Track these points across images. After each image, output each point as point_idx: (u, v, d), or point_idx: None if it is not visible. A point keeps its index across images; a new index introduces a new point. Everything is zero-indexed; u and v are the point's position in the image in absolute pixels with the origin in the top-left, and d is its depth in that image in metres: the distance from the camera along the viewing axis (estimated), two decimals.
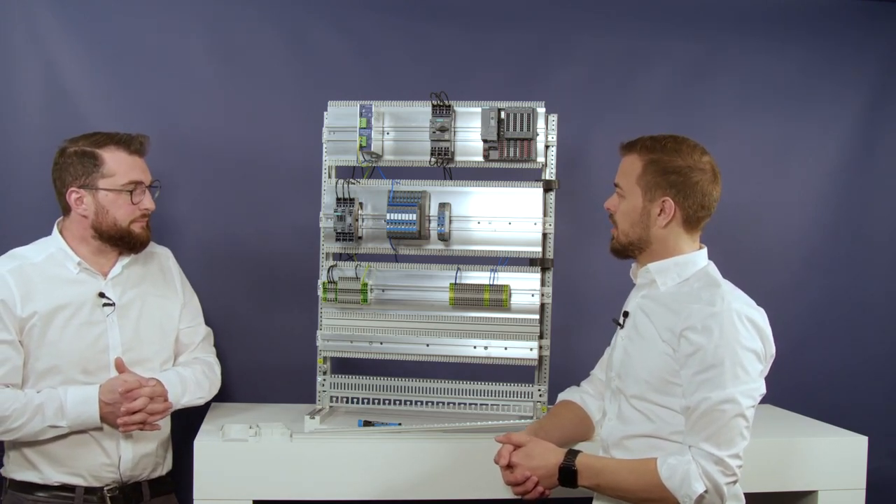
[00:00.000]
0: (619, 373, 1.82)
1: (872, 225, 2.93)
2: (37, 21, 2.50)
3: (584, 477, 1.72)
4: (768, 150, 2.86)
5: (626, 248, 1.82)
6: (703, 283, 1.75)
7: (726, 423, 1.61)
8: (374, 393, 2.35)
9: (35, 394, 1.92)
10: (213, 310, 2.61)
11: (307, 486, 2.03)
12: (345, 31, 2.68)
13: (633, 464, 1.71)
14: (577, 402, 2.02)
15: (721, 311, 1.64)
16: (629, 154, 1.82)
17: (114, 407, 1.91)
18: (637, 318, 1.82)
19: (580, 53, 2.77)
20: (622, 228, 1.81)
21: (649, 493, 1.66)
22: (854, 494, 2.18)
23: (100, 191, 1.99)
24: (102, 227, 2.00)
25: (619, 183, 1.82)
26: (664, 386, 1.71)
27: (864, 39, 2.87)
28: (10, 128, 2.49)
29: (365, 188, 2.30)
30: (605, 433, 1.85)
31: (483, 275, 2.27)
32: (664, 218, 1.76)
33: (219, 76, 2.62)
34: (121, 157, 2.01)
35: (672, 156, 1.76)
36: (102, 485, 2.00)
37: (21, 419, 1.89)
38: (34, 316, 1.93)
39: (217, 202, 2.62)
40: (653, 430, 1.73)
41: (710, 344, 1.62)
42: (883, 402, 2.90)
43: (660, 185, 1.75)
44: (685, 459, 1.62)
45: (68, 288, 1.99)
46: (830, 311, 2.90)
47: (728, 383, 1.61)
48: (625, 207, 1.80)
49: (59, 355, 1.95)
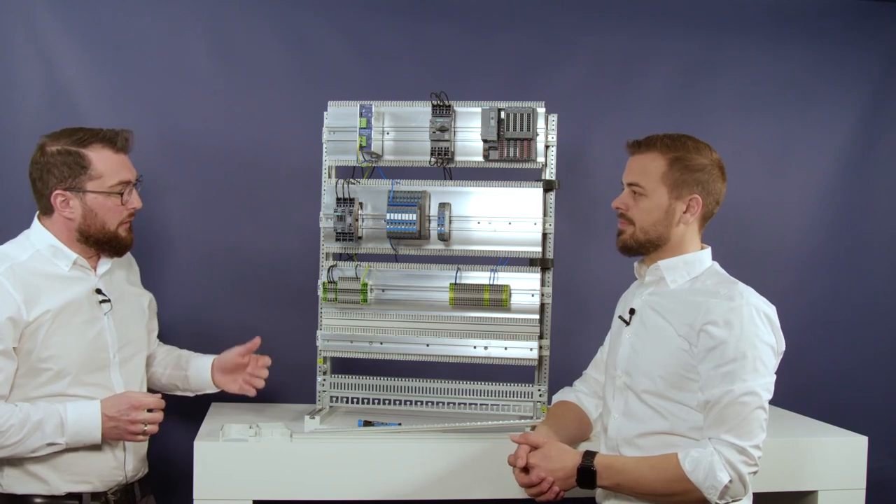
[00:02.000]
0: (626, 369, 1.82)
1: (872, 225, 2.93)
2: (37, 21, 2.50)
3: (603, 477, 1.72)
4: (768, 150, 2.86)
5: (643, 245, 1.82)
6: (717, 279, 1.78)
7: (748, 415, 1.63)
8: (374, 393, 2.35)
9: (33, 409, 1.83)
10: (213, 309, 2.62)
11: (307, 486, 2.03)
12: (345, 31, 2.68)
13: (653, 460, 1.71)
14: (574, 402, 2.02)
15: (741, 306, 1.67)
16: (648, 152, 1.82)
17: (118, 422, 1.86)
18: (645, 315, 1.82)
19: (580, 53, 2.78)
20: (641, 226, 1.81)
21: (672, 487, 1.66)
22: (854, 494, 2.18)
23: (88, 193, 1.90)
24: (90, 230, 1.92)
25: (638, 181, 1.81)
26: (680, 381, 1.72)
27: (865, 39, 2.87)
28: (11, 128, 2.49)
29: (365, 188, 2.30)
30: (612, 431, 1.84)
31: (483, 275, 2.27)
32: (690, 215, 1.79)
33: (219, 76, 2.62)
34: (108, 157, 1.92)
35: (694, 154, 1.79)
36: (107, 489, 1.97)
37: (18, 435, 1.80)
38: (44, 314, 1.84)
39: (217, 202, 2.62)
40: (667, 427, 1.74)
41: (732, 338, 1.65)
42: (883, 402, 2.90)
43: (687, 183, 1.78)
44: (707, 451, 1.63)
45: (65, 285, 1.91)
46: (830, 311, 2.90)
47: (749, 376, 1.64)
48: (646, 205, 1.80)
49: (66, 356, 1.88)
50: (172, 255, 2.61)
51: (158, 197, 2.58)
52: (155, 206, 2.57)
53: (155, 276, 2.55)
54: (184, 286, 2.61)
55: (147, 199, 2.53)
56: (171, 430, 2.23)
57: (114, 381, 1.97)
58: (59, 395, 1.88)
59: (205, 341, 2.60)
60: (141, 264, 2.26)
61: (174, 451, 2.42)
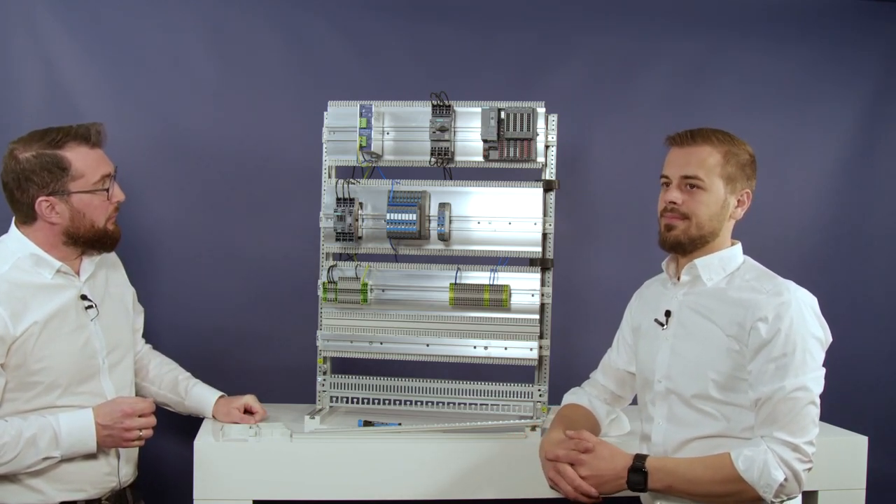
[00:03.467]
0: (667, 374, 1.78)
1: (872, 225, 2.92)
2: (37, 21, 2.50)
3: (654, 479, 1.67)
4: (768, 150, 2.84)
5: (695, 241, 1.78)
6: (756, 274, 1.77)
7: (800, 411, 1.62)
8: (374, 393, 2.35)
9: (25, 424, 1.78)
10: (213, 309, 2.62)
11: (307, 486, 2.03)
12: (345, 31, 2.68)
13: (706, 460, 1.68)
14: (586, 406, 1.99)
15: (790, 301, 1.67)
16: (701, 145, 1.77)
17: (112, 429, 1.84)
18: (684, 316, 1.79)
19: (580, 53, 2.78)
20: (699, 221, 1.77)
21: (727, 487, 1.63)
22: (854, 494, 2.18)
23: (73, 195, 1.84)
24: (79, 231, 1.86)
25: (698, 174, 1.75)
26: (733, 383, 1.69)
27: (865, 39, 2.87)
28: (10, 127, 2.48)
29: (365, 188, 2.30)
30: (657, 437, 1.80)
31: (483, 275, 2.27)
32: (741, 209, 1.79)
33: (219, 76, 2.62)
34: (85, 154, 1.85)
35: (741, 147, 1.79)
36: (101, 495, 1.94)
37: (13, 452, 1.75)
38: (32, 327, 1.79)
39: (217, 202, 2.62)
40: (722, 429, 1.71)
41: (781, 333, 1.64)
42: (883, 402, 2.90)
43: (740, 177, 1.78)
44: (761, 450, 1.61)
45: (50, 295, 1.85)
46: (830, 311, 2.85)
47: (799, 371, 1.63)
48: (706, 199, 1.76)
49: (56, 368, 1.83)
50: (172, 254, 2.60)
51: (158, 197, 2.58)
52: (155, 206, 2.58)
53: (154, 276, 2.56)
54: (184, 286, 2.61)
55: (147, 199, 2.55)
56: (167, 433, 2.23)
57: (105, 388, 1.94)
58: (50, 406, 1.84)
59: (205, 341, 2.61)
60: (140, 264, 2.26)
61: (169, 454, 2.43)
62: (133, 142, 2.51)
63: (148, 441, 1.92)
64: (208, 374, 2.28)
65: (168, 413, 2.24)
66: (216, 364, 2.59)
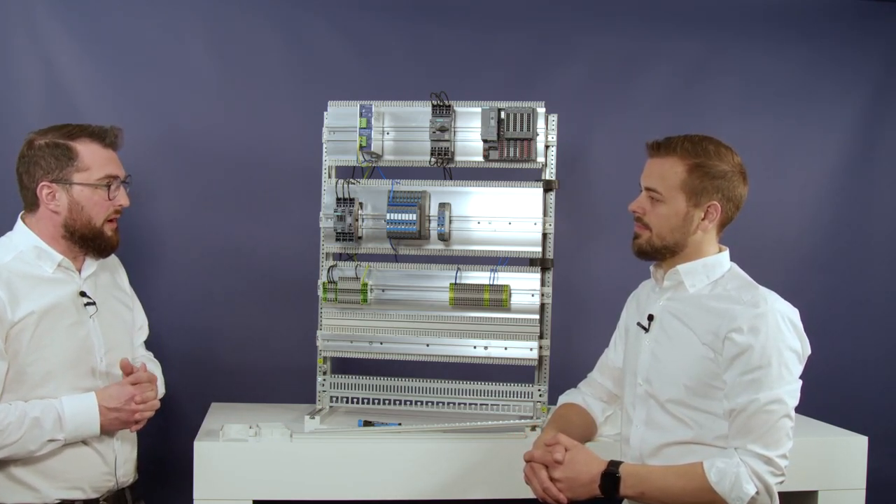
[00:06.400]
0: (647, 377, 1.78)
1: (872, 225, 2.93)
2: (37, 21, 2.50)
3: (627, 485, 1.66)
4: (768, 150, 2.85)
5: (659, 251, 1.77)
6: (738, 284, 1.74)
7: (774, 423, 1.60)
8: (374, 393, 2.35)
9: (28, 406, 1.77)
10: (213, 310, 2.62)
11: (307, 486, 2.03)
12: (345, 31, 2.68)
13: (679, 469, 1.67)
14: (581, 405, 1.99)
15: (766, 312, 1.64)
16: (667, 157, 1.75)
17: (121, 412, 1.84)
18: (665, 321, 1.78)
19: (580, 53, 2.78)
20: (658, 232, 1.75)
21: (698, 497, 1.62)
22: (854, 494, 2.18)
23: (74, 185, 1.85)
24: (76, 225, 1.87)
25: (656, 187, 1.74)
26: (706, 390, 1.68)
27: (865, 39, 2.87)
28: (10, 127, 2.49)
29: (365, 188, 2.30)
30: (634, 441, 1.80)
31: (483, 275, 2.27)
32: (708, 222, 1.74)
33: (219, 76, 2.62)
34: (95, 150, 1.88)
35: (715, 160, 1.72)
36: (99, 495, 1.93)
37: (18, 433, 1.75)
38: (29, 316, 1.79)
39: (217, 202, 2.62)
40: (694, 436, 1.70)
41: (758, 345, 1.62)
42: (883, 402, 2.90)
43: (706, 191, 1.72)
44: (734, 462, 1.60)
45: (50, 288, 1.85)
46: (830, 311, 2.90)
47: (775, 384, 1.60)
48: (664, 212, 1.74)
49: (53, 360, 1.82)
50: (172, 254, 2.60)
51: (158, 197, 2.58)
52: (155, 206, 2.58)
53: (154, 277, 2.56)
54: (184, 286, 2.61)
55: (147, 199, 2.55)
56: (167, 433, 2.23)
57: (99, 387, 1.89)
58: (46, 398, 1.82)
59: (205, 341, 2.62)
60: (141, 264, 2.26)
61: (169, 454, 2.42)
62: (133, 141, 2.47)
63: (148, 441, 1.92)
64: (208, 374, 2.29)
65: (168, 413, 2.24)
66: (216, 364, 2.60)
